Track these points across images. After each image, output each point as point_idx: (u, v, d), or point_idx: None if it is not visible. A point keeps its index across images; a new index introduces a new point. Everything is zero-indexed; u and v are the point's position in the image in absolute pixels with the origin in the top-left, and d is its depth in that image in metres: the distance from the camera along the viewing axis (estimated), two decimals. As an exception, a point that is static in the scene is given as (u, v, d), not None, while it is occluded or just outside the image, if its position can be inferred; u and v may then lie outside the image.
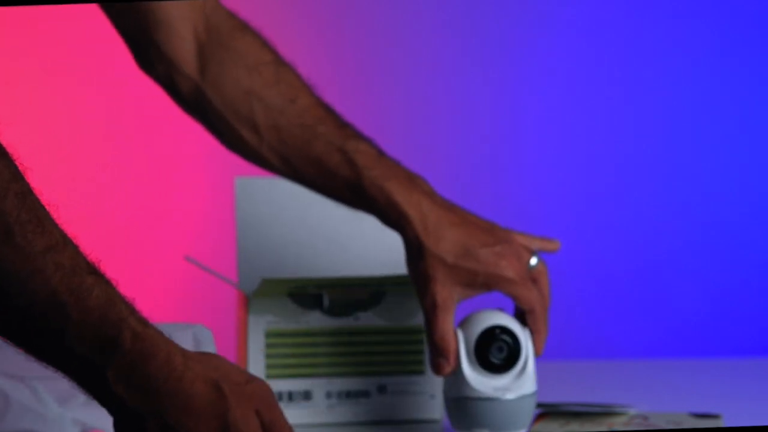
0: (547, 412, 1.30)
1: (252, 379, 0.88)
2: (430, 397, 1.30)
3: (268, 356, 1.28)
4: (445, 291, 1.15)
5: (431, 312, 1.16)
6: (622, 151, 2.28)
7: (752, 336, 2.22)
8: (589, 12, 2.27)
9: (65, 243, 0.83)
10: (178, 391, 0.83)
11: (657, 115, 2.28)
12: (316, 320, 1.29)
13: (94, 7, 1.17)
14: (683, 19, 2.26)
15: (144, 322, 0.84)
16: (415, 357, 1.30)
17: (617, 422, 1.27)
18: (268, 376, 1.28)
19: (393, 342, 1.30)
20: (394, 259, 1.28)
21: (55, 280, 0.81)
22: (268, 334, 1.28)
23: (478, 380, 1.17)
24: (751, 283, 2.24)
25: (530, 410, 1.19)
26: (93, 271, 0.84)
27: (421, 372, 1.30)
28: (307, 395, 1.29)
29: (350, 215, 1.26)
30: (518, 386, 1.17)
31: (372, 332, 1.30)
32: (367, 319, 1.30)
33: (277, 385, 1.28)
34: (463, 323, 1.20)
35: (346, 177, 1.16)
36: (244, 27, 1.19)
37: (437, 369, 1.17)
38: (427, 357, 1.23)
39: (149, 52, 1.16)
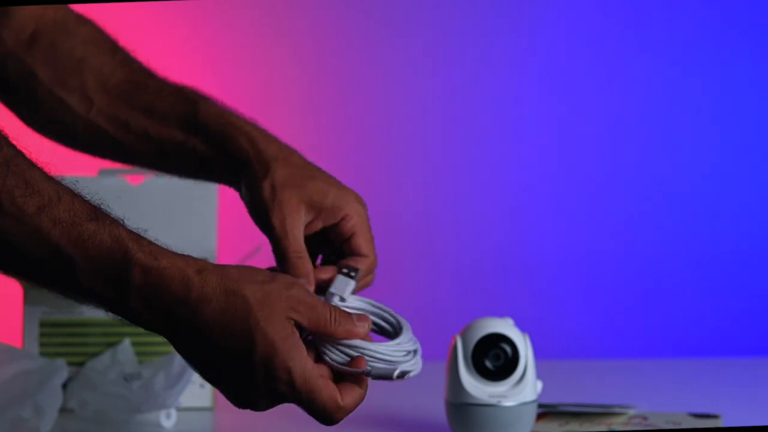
0: (546, 412, 1.30)
1: (274, 277, 0.88)
2: (200, 386, 1.38)
3: (42, 345, 1.37)
4: (287, 210, 1.02)
5: (279, 233, 1.01)
6: (624, 152, 2.28)
7: (751, 336, 2.22)
8: (586, 14, 2.27)
9: (59, 198, 0.86)
10: (197, 310, 0.86)
11: (654, 113, 2.28)
12: (88, 311, 1.37)
13: (91, 6, 1.17)
14: (681, 21, 2.26)
15: (155, 254, 0.86)
16: None
17: (616, 422, 1.27)
18: None
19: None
20: (202, 251, 1.38)
21: (55, 236, 0.85)
22: (42, 324, 1.37)
23: (475, 387, 1.18)
24: (751, 283, 2.24)
25: (530, 418, 1.19)
26: (94, 216, 0.86)
27: None
28: None
29: (165, 210, 1.38)
30: (517, 393, 1.18)
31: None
32: None
33: None
34: (464, 330, 1.20)
35: (181, 113, 1.07)
36: (89, 21, 1.15)
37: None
38: None
39: None
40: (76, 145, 1.12)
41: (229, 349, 0.86)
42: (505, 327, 1.20)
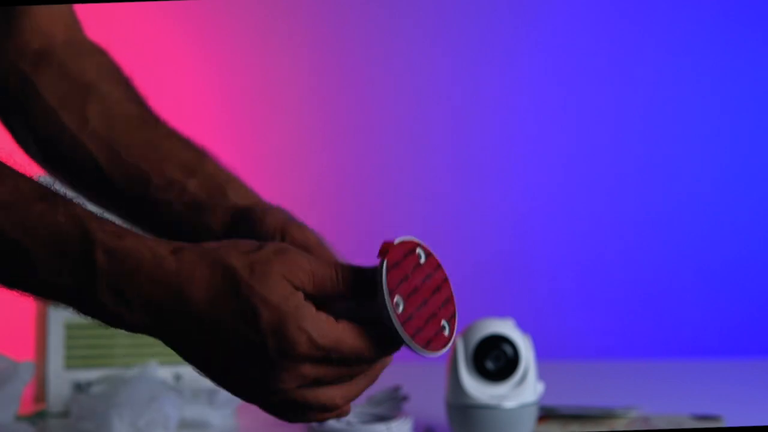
0: (547, 414, 1.30)
1: (262, 244, 0.78)
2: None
3: (68, 347, 1.36)
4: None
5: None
6: (625, 155, 2.28)
7: (753, 337, 2.22)
8: (586, 14, 2.27)
9: (0, 180, 0.77)
10: (181, 292, 0.75)
11: (654, 116, 2.28)
12: None
13: (92, 6, 1.16)
14: (683, 23, 2.26)
15: (118, 234, 0.76)
16: None
17: (618, 424, 1.27)
18: (68, 367, 1.36)
19: None
20: None
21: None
22: (68, 327, 1.36)
23: (476, 388, 1.18)
24: (752, 284, 2.24)
25: (531, 419, 1.19)
26: (45, 196, 0.77)
27: None
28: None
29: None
30: (518, 395, 1.18)
31: None
32: None
33: (77, 375, 1.36)
34: (465, 331, 1.20)
35: (185, 160, 0.98)
36: (106, 51, 1.08)
37: None
38: None
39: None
40: (61, 170, 1.03)
41: (228, 329, 0.75)
42: (506, 328, 1.20)
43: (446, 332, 0.81)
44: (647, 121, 2.27)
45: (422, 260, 0.81)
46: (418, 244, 0.82)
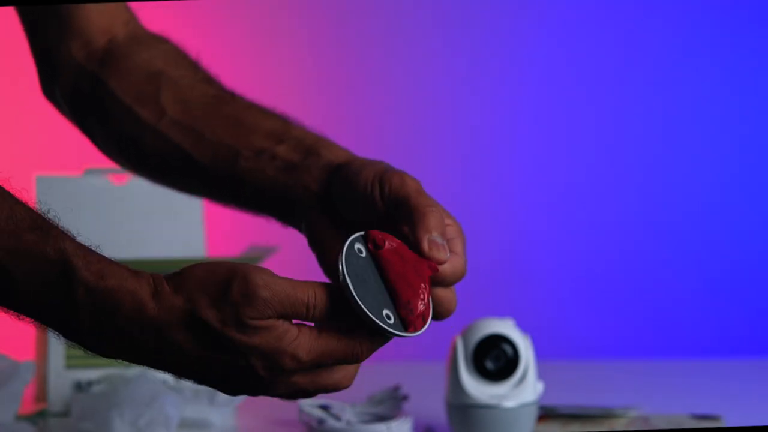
0: (547, 414, 1.30)
1: (227, 286, 0.78)
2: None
3: (68, 347, 1.33)
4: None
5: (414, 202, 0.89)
6: (626, 155, 2.28)
7: (752, 337, 2.22)
8: (587, 15, 2.27)
9: None
10: (159, 335, 0.77)
11: (650, 115, 2.28)
12: None
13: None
14: (682, 22, 2.27)
15: (101, 274, 0.77)
16: None
17: (618, 424, 1.27)
18: (68, 366, 1.34)
19: None
20: (190, 250, 1.37)
21: None
22: None
23: (476, 388, 1.18)
24: (752, 284, 2.24)
25: (530, 419, 1.19)
26: (37, 226, 0.78)
27: None
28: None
29: (150, 211, 1.37)
30: (517, 394, 1.18)
31: None
32: None
33: (77, 375, 1.34)
34: (465, 331, 1.20)
35: (270, 128, 0.98)
36: (169, 39, 1.10)
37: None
38: None
39: (57, 65, 1.07)
40: (145, 165, 1.05)
41: (216, 366, 0.78)
42: (506, 328, 1.20)
43: (422, 306, 0.81)
44: (646, 122, 2.27)
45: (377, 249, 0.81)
46: (359, 237, 0.81)
